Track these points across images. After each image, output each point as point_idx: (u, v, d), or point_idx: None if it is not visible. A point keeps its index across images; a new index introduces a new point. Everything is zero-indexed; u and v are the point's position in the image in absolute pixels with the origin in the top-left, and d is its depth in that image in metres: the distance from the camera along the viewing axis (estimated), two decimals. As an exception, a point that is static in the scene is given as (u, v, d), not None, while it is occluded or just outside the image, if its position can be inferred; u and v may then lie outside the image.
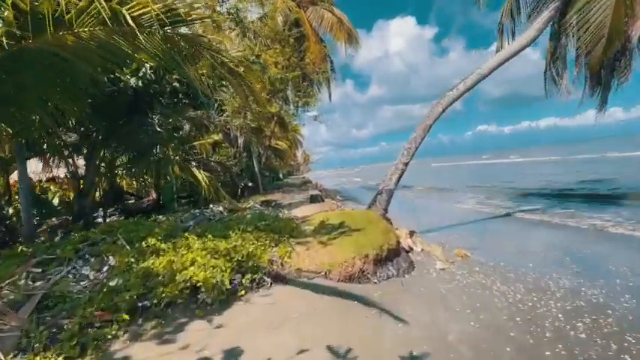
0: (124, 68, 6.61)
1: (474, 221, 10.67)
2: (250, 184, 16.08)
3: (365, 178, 48.81)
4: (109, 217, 12.96)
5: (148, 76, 6.61)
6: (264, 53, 13.14)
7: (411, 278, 5.25)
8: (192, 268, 4.13)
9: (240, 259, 4.42)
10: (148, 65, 6.62)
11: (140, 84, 6.45)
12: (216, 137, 17.42)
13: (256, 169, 17.16)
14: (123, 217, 12.14)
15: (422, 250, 6.85)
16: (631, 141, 63.10)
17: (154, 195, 12.60)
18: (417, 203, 16.43)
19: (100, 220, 11.10)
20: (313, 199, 11.44)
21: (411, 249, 6.82)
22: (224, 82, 7.72)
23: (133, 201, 14.87)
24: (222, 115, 11.99)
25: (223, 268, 4.21)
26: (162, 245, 4.57)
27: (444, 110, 7.77)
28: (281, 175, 43.17)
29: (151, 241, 4.72)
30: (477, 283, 4.97)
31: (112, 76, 6.54)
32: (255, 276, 4.50)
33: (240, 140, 16.02)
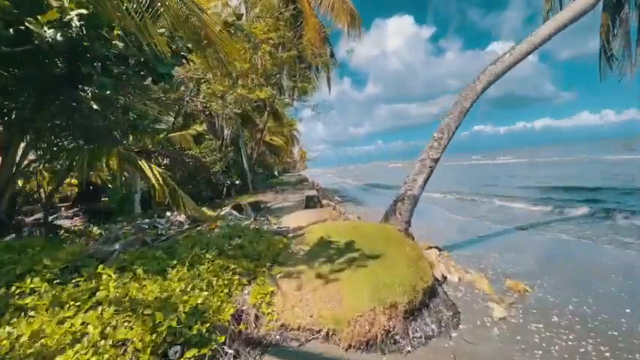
0: (39, 17, 4.60)
1: (502, 234, 8.80)
2: (238, 182, 14.10)
3: (363, 177, 46.90)
4: (72, 218, 10.96)
5: (74, 28, 4.59)
6: (253, 28, 11.11)
7: (460, 339, 3.33)
8: (77, 347, 2.17)
9: (174, 324, 2.45)
10: (75, 14, 4.62)
11: (60, 37, 4.43)
12: (200, 128, 15.42)
13: (245, 165, 15.17)
14: (86, 220, 10.16)
15: (459, 279, 4.94)
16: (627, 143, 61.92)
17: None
18: (422, 208, 14.55)
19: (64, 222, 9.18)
20: (309, 202, 9.50)
21: (445, 278, 4.91)
22: (189, 46, 5.76)
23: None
24: (193, 95, 9.86)
25: (139, 345, 2.26)
26: (33, 298, 2.57)
27: (484, 89, 5.85)
28: (276, 173, 41.22)
29: (30, 282, 2.75)
30: (574, 352, 3.07)
31: (22, 27, 4.53)
32: (205, 350, 2.55)
33: (227, 132, 14.00)
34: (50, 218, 8.55)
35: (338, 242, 4.46)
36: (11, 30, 4.64)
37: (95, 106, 5.12)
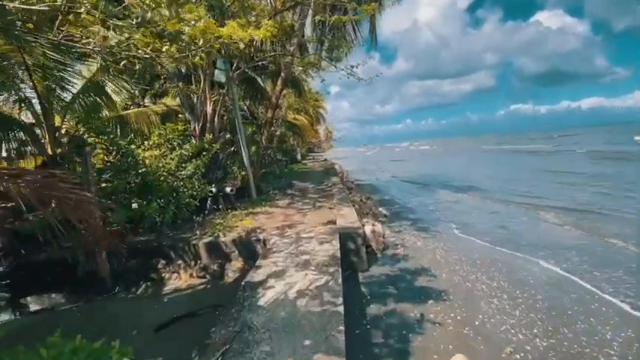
0: None
1: None
2: (231, 190, 8.93)
3: (395, 162, 40.47)
4: None
5: None
6: None
7: None
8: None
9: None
10: None
11: None
12: (172, 102, 10.27)
13: (245, 161, 9.94)
14: None
15: None
16: None
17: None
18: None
19: None
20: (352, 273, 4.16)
21: None
22: None
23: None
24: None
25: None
26: None
27: None
28: (299, 156, 36.02)
29: None
30: None
31: None
32: None
33: (211, 108, 8.70)
34: None
35: None
36: None
37: None
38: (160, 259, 6.14)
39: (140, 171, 6.06)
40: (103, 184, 6.42)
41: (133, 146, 6.84)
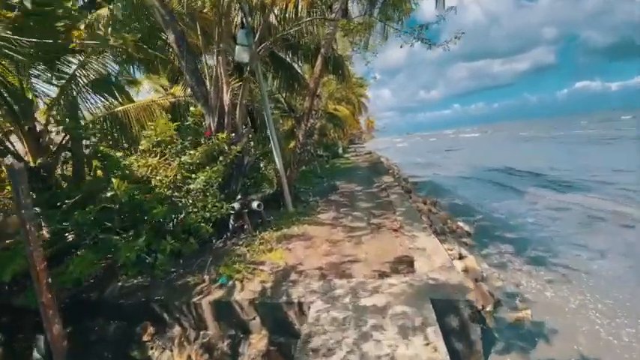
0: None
1: None
2: (258, 205, 6.72)
3: (446, 151, 35.93)
4: None
5: None
6: None
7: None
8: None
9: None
10: None
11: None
12: (181, 92, 8.28)
13: (278, 162, 7.71)
14: None
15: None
16: None
17: None
18: None
19: None
20: None
21: None
22: None
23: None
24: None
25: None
26: None
27: None
28: (340, 150, 33.50)
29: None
30: None
31: None
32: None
33: (226, 99, 6.50)
34: None
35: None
36: None
37: None
38: (147, 323, 4.11)
39: (108, 195, 4.00)
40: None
41: (119, 154, 4.86)
